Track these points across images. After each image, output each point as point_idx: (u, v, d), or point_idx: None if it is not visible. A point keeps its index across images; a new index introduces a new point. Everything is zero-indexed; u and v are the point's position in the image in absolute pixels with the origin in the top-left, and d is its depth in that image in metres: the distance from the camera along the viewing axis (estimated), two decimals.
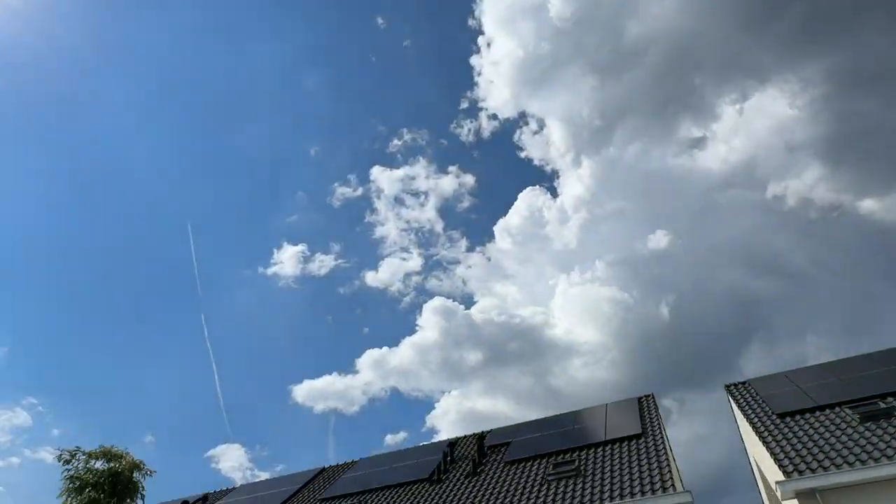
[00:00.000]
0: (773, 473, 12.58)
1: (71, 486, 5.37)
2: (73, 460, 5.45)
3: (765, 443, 13.09)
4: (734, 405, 17.01)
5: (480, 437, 18.88)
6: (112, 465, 5.50)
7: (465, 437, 20.35)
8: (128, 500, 5.46)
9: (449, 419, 79.77)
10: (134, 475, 5.54)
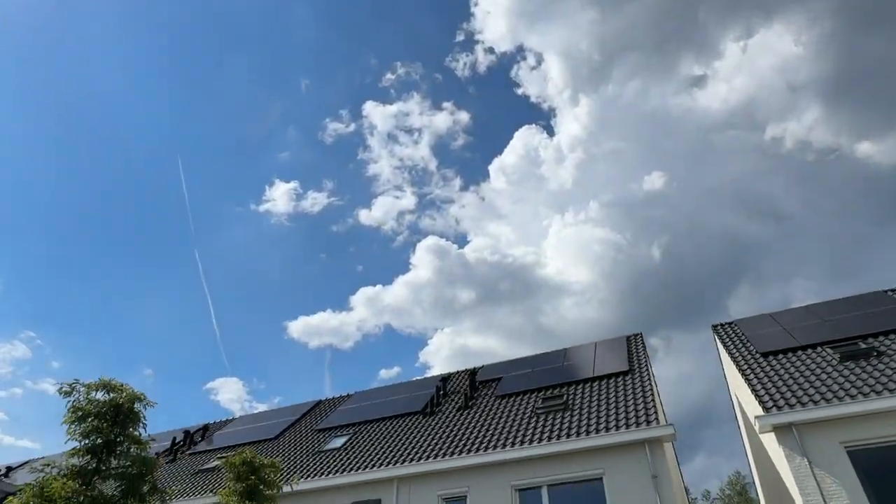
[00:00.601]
0: (753, 409, 13.11)
1: (74, 416, 5.50)
2: (74, 392, 5.57)
3: (747, 380, 13.56)
4: (719, 344, 17.49)
5: (472, 372, 19.43)
6: (112, 396, 5.64)
7: (457, 372, 20.95)
8: (130, 429, 5.63)
9: (441, 355, 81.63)
10: (135, 406, 5.69)
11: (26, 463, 25.92)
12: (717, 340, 17.73)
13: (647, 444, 12.03)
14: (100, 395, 5.74)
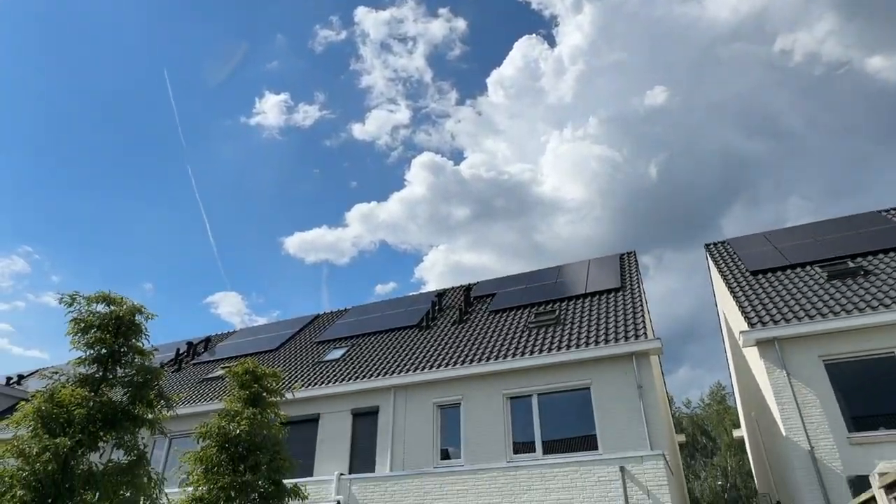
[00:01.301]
0: (739, 324, 13.53)
1: (76, 327, 5.62)
2: (75, 304, 5.65)
3: (735, 297, 13.90)
4: (711, 262, 17.76)
5: (467, 288, 19.82)
6: (113, 309, 5.74)
7: (452, 288, 21.38)
8: (132, 340, 5.77)
9: (436, 271, 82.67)
10: (135, 318, 5.80)
11: (36, 371, 26.91)
12: (709, 259, 17.99)
13: (634, 357, 12.51)
14: (100, 308, 5.83)
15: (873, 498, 2.37)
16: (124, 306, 5.73)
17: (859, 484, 10.05)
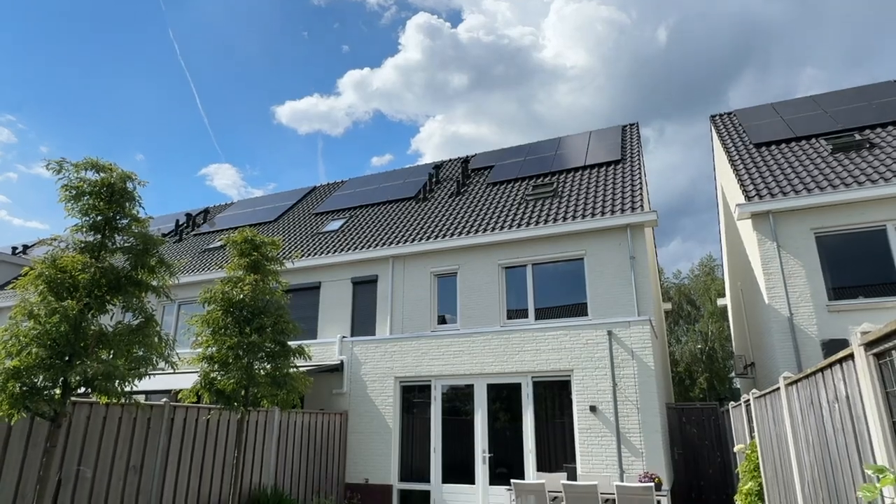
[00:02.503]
0: (736, 197, 13.54)
1: (67, 194, 5.55)
2: (63, 171, 5.52)
3: (735, 170, 13.75)
4: (715, 135, 17.35)
5: (465, 160, 19.53)
6: (103, 175, 5.62)
7: (449, 160, 21.07)
8: (127, 208, 5.73)
9: (433, 143, 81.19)
10: (127, 185, 5.71)
11: (40, 241, 27.34)
12: (713, 130, 17.55)
13: (629, 229, 12.67)
14: (90, 175, 5.72)
15: (851, 356, 2.47)
16: (114, 173, 5.61)
17: (832, 346, 10.69)
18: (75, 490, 6.86)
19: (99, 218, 5.61)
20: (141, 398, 7.39)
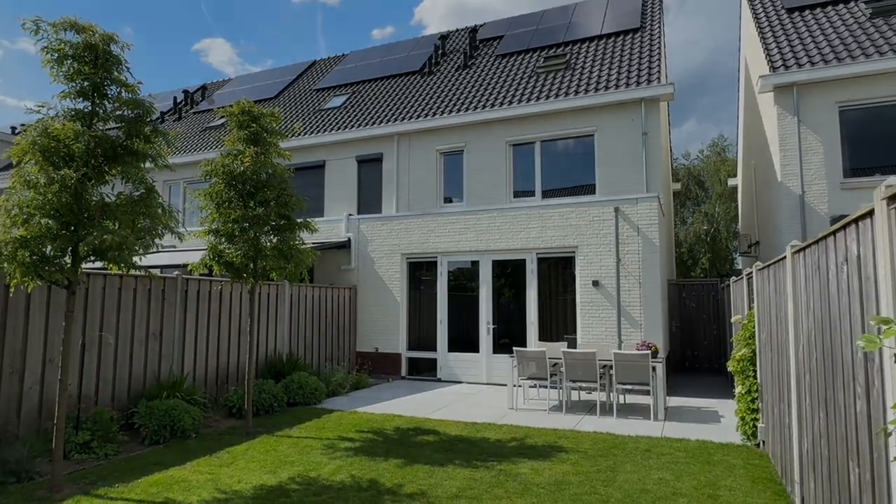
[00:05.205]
0: (760, 68, 12.75)
1: (49, 57, 5.22)
2: (41, 31, 5.15)
3: (762, 37, 12.80)
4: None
5: (473, 30, 18.30)
6: (84, 37, 5.24)
7: (456, 30, 19.76)
8: (115, 73, 5.42)
9: (438, 13, 75.93)
10: (111, 48, 5.35)
11: (27, 110, 26.74)
12: None
13: (643, 103, 12.10)
14: (70, 36, 5.34)
15: (870, 212, 2.35)
16: (95, 34, 5.23)
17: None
18: (101, 354, 7.26)
19: (86, 83, 5.32)
20: (155, 272, 7.54)
